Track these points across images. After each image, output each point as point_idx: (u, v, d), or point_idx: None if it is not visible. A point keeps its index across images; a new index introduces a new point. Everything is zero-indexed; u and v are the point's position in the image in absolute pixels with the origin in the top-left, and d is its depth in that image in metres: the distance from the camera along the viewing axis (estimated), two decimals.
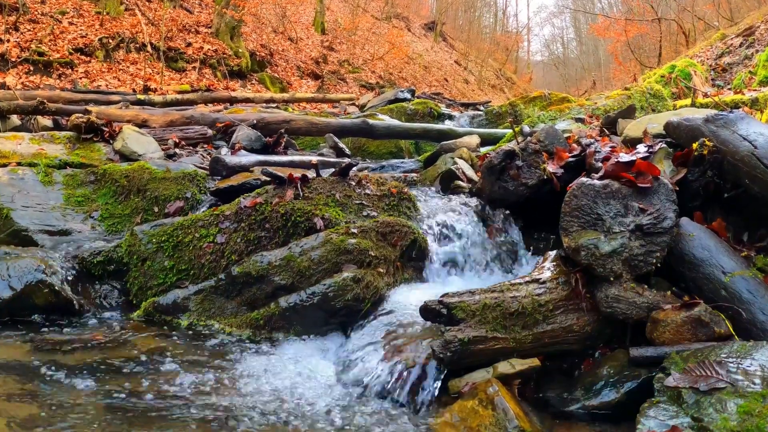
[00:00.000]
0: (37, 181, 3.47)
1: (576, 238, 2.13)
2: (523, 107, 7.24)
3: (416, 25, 29.56)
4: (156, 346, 2.42)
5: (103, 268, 2.93)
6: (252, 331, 2.57)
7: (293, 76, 16.54)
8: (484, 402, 1.89)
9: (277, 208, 2.96)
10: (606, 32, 25.15)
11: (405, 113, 7.78)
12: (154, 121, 4.98)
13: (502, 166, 3.07)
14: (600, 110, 5.33)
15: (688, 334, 1.93)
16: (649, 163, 2.23)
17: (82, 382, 2.06)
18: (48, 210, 3.31)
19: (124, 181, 3.52)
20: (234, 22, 14.69)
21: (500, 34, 39.68)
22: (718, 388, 1.66)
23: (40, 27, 11.54)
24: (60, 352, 2.31)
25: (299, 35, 18.71)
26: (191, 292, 2.74)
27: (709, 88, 8.98)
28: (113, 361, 2.25)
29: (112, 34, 12.39)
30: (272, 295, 2.65)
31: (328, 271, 2.66)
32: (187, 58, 13.52)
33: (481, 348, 2.09)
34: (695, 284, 2.13)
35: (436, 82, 23.16)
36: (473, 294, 2.21)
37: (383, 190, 3.22)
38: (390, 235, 2.87)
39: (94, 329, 2.59)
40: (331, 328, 2.57)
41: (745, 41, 12.30)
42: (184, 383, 2.11)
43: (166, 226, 3.03)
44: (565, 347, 2.16)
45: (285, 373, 2.24)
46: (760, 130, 2.28)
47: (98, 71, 11.47)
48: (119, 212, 3.44)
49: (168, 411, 1.91)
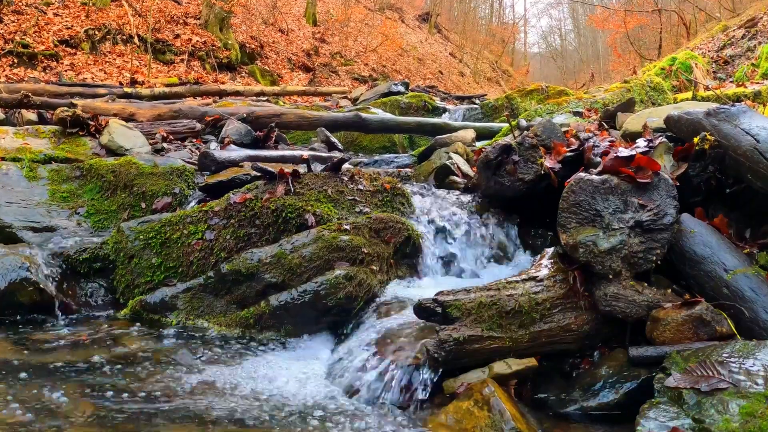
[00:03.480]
0: (22, 176, 3.44)
1: (574, 234, 2.10)
2: (520, 100, 7.22)
3: (410, 17, 29.46)
4: (143, 346, 2.41)
5: (89, 265, 2.91)
6: (242, 330, 2.56)
7: (284, 69, 16.45)
8: (479, 403, 1.86)
9: (267, 204, 2.94)
10: (605, 23, 25.14)
11: (399, 107, 7.76)
12: (141, 115, 4.95)
13: (498, 161, 3.04)
14: (599, 104, 5.31)
15: (689, 334, 1.90)
16: (649, 157, 2.19)
17: (66, 383, 2.03)
18: (33, 206, 3.28)
19: (110, 176, 3.50)
20: (223, 14, 14.59)
21: (496, 26, 39.65)
22: (720, 388, 1.63)
23: (24, 18, 11.40)
24: (44, 352, 2.29)
25: (290, 27, 18.59)
26: (179, 290, 2.72)
27: (710, 80, 8.95)
28: (99, 361, 2.23)
29: (99, 26, 12.26)
30: (262, 293, 2.63)
31: (320, 269, 2.64)
32: (175, 50, 13.40)
33: (476, 347, 2.06)
34: (696, 282, 2.11)
35: (430, 75, 23.12)
36: (468, 292, 2.18)
37: (376, 185, 3.21)
38: (383, 231, 2.85)
39: (79, 328, 2.58)
40: (322, 327, 2.55)
41: (747, 33, 12.26)
42: (171, 384, 2.08)
43: (153, 222, 3.01)
44: (562, 347, 2.13)
45: (275, 373, 2.22)
46: (763, 124, 2.25)
47: (84, 64, 11.35)
48: (106, 208, 3.42)
49: (154, 412, 1.88)
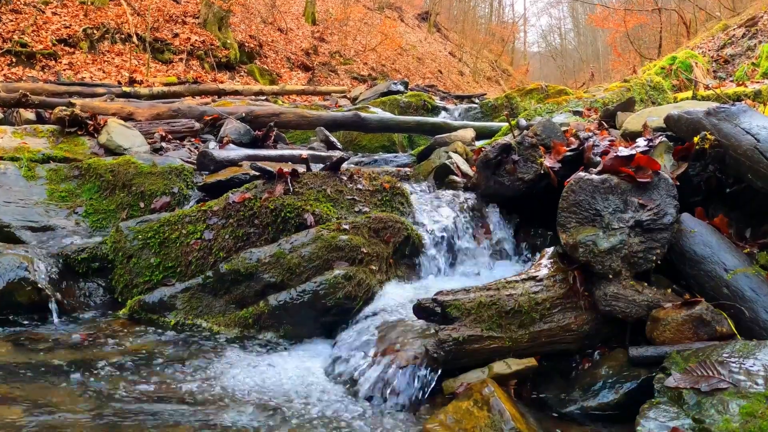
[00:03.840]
0: (20, 175, 3.43)
1: (574, 234, 2.09)
2: (520, 100, 7.21)
3: (409, 16, 29.43)
4: (141, 346, 2.40)
5: (87, 265, 2.90)
6: (240, 330, 2.55)
7: (283, 68, 16.42)
8: (479, 403, 1.85)
9: (266, 204, 2.92)
10: (605, 23, 25.09)
11: (398, 106, 7.75)
12: (139, 114, 4.93)
13: (497, 161, 3.03)
14: (598, 103, 5.29)
15: (689, 333, 1.89)
16: (649, 157, 2.19)
17: (64, 383, 2.02)
18: (31, 205, 3.27)
19: (109, 175, 3.48)
20: (222, 13, 14.56)
21: (496, 25, 39.61)
22: (720, 388, 1.63)
23: (22, 17, 11.36)
24: (42, 352, 2.28)
25: (289, 26, 18.56)
26: (178, 290, 2.71)
27: (710, 80, 8.92)
28: (97, 361, 2.21)
29: (97, 25, 12.23)
30: (261, 293, 2.62)
31: (319, 269, 2.62)
32: (173, 50, 13.37)
33: (476, 347, 2.05)
34: (696, 282, 2.10)
35: (429, 74, 23.10)
36: (468, 292, 2.18)
37: (376, 185, 3.19)
38: (383, 231, 2.84)
39: (78, 328, 2.56)
40: (322, 326, 2.53)
41: (747, 32, 12.22)
42: (169, 384, 2.07)
43: (152, 222, 2.99)
44: (562, 347, 2.12)
45: (274, 373, 2.20)
46: (764, 124, 2.24)
47: (82, 63, 11.32)
48: (104, 208, 3.41)
49: (153, 413, 1.87)
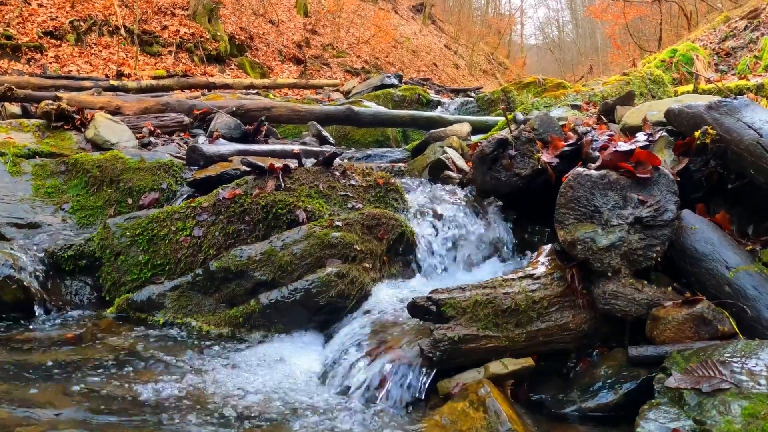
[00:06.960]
0: (5, 171, 3.40)
1: (572, 231, 2.07)
2: (517, 93, 7.19)
3: (404, 7, 29.33)
4: (129, 346, 2.38)
5: (74, 263, 2.87)
6: (231, 329, 2.53)
7: (274, 61, 16.32)
8: (475, 404, 1.84)
9: (257, 200, 2.90)
10: (603, 14, 25.12)
11: (392, 100, 7.72)
12: (127, 108, 4.89)
13: (494, 156, 3.00)
14: (597, 97, 5.27)
15: (689, 333, 1.88)
16: (648, 152, 2.17)
17: (50, 383, 2.00)
18: (16, 202, 3.25)
19: (96, 171, 3.45)
20: (212, 4, 14.47)
21: (492, 17, 39.57)
22: (722, 389, 1.61)
23: (7, 9, 11.23)
24: (28, 352, 2.27)
25: (281, 18, 18.43)
26: (167, 288, 2.69)
27: (712, 73, 8.90)
28: (84, 361, 2.20)
29: (84, 17, 12.09)
30: (252, 291, 2.60)
31: (311, 266, 2.61)
32: (162, 42, 13.25)
33: (471, 347, 2.03)
34: (697, 280, 2.08)
35: (424, 67, 23.06)
36: (464, 290, 2.16)
37: (369, 180, 3.18)
38: (376, 228, 2.82)
39: (64, 327, 2.55)
40: (314, 325, 2.52)
41: (750, 24, 12.18)
42: (156, 385, 2.05)
43: (140, 218, 2.96)
44: (560, 346, 2.10)
45: (265, 373, 2.19)
46: (766, 118, 2.23)
47: (69, 56, 11.21)
48: (91, 204, 3.38)
49: (140, 413, 1.86)
